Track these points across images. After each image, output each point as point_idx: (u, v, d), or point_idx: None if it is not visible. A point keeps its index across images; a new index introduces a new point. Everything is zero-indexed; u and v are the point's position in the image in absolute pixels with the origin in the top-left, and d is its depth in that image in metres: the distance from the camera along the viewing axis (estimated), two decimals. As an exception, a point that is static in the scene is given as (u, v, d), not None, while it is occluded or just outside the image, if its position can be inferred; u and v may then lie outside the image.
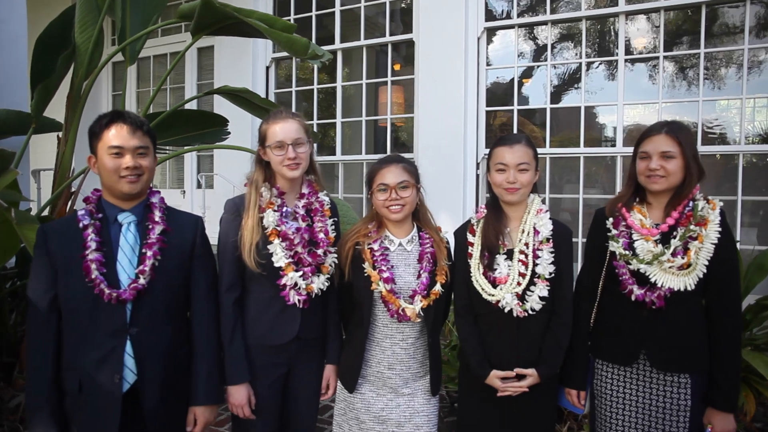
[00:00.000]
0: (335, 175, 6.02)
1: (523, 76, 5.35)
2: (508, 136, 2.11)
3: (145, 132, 1.90)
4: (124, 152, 1.83)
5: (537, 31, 5.24)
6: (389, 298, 1.99)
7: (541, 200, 2.11)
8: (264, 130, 2.06)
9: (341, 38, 5.90)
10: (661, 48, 4.58)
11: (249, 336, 2.04)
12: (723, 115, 4.65)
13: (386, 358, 2.06)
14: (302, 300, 2.02)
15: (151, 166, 1.92)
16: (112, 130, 1.84)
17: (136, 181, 1.86)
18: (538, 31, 5.22)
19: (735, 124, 4.56)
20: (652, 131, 1.96)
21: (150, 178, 1.93)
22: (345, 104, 6.08)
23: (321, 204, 2.15)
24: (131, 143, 1.84)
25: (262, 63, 6.34)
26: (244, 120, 5.31)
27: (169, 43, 7.01)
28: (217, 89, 3.51)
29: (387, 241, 2.10)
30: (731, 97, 4.55)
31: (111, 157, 1.83)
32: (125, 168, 1.83)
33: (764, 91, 4.39)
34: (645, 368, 1.98)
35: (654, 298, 1.91)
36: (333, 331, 2.20)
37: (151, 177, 1.93)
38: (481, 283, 2.02)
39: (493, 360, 2.04)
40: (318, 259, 2.06)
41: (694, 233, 1.88)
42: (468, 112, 5.15)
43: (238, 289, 2.04)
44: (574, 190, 4.90)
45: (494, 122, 5.44)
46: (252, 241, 1.97)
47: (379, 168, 2.07)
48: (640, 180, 1.99)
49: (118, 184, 1.84)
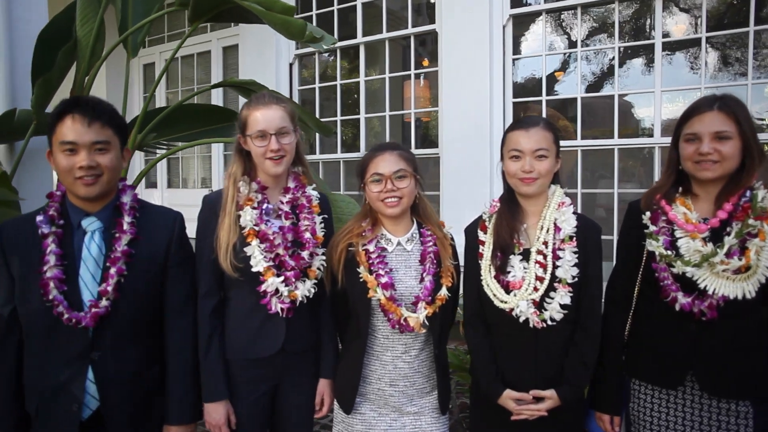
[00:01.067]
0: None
1: (553, 65, 5.02)
2: (524, 118, 1.83)
3: (107, 123, 1.62)
4: (78, 149, 1.58)
5: (566, 16, 4.90)
6: (389, 306, 1.74)
7: (563, 192, 1.81)
8: (244, 117, 1.83)
9: (363, 32, 5.68)
10: (704, 28, 4.18)
11: (229, 349, 1.82)
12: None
13: (387, 373, 1.81)
14: (285, 309, 1.79)
15: (112, 164, 1.64)
16: (66, 122, 1.58)
17: (94, 182, 1.60)
18: (568, 16, 4.89)
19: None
20: (701, 107, 1.63)
21: (113, 177, 1.67)
22: (369, 100, 5.89)
23: (308, 199, 1.91)
24: (86, 138, 1.58)
25: (285, 60, 6.22)
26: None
27: (196, 43, 6.97)
28: (222, 82, 3.33)
29: (384, 240, 1.84)
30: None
31: (64, 154, 1.58)
32: (79, 168, 1.57)
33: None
34: (694, 393, 1.65)
35: (704, 308, 1.58)
36: (327, 342, 1.96)
37: (114, 176, 1.67)
38: (492, 288, 1.75)
39: (507, 377, 1.76)
40: (302, 262, 1.83)
41: (753, 229, 1.55)
42: (494, 104, 4.89)
43: (217, 296, 1.82)
44: (608, 185, 4.56)
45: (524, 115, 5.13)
46: (228, 242, 1.75)
47: (372, 156, 1.82)
48: (685, 167, 1.67)
49: (74, 186, 1.61)
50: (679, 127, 1.69)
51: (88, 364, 1.61)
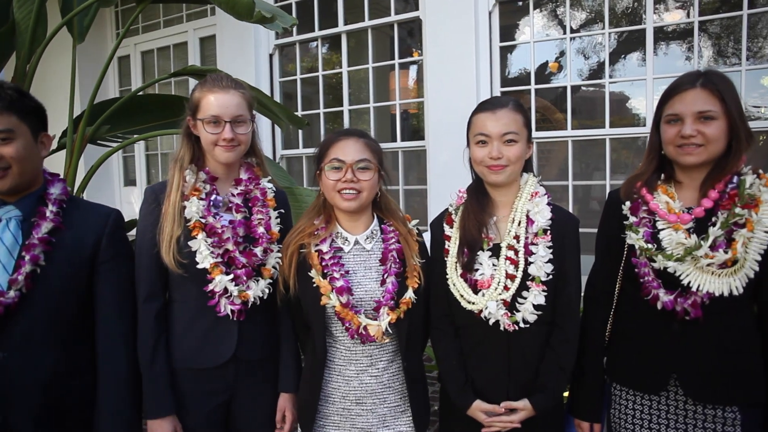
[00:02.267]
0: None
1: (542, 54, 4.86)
2: (491, 99, 1.67)
3: (6, 110, 1.46)
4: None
5: (555, 3, 4.74)
6: (345, 313, 1.57)
7: (537, 181, 1.66)
8: (197, 98, 1.67)
9: (345, 21, 5.52)
10: (696, 12, 4.03)
11: (175, 357, 1.66)
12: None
13: (352, 390, 1.64)
14: (236, 311, 1.63)
15: (20, 155, 1.48)
16: None
17: (2, 176, 1.47)
18: (557, 3, 4.73)
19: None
20: (683, 85, 1.49)
21: (26, 168, 1.51)
22: (354, 91, 5.74)
23: (262, 192, 1.76)
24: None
25: (264, 51, 6.04)
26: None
27: (172, 34, 6.80)
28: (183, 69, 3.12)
29: (339, 239, 1.68)
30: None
31: None
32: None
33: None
34: (678, 398, 1.52)
35: (688, 306, 1.44)
36: (287, 350, 1.79)
37: (27, 166, 1.51)
38: (458, 288, 1.60)
39: (478, 384, 1.61)
40: (255, 259, 1.67)
41: (740, 218, 1.41)
42: (481, 93, 4.74)
43: (161, 297, 1.67)
44: (601, 177, 4.42)
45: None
46: (172, 234, 1.59)
47: (335, 140, 1.65)
48: (667, 151, 1.53)
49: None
50: (660, 107, 1.54)
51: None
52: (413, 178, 5.42)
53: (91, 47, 6.48)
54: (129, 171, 7.40)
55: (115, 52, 2.89)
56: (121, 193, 7.31)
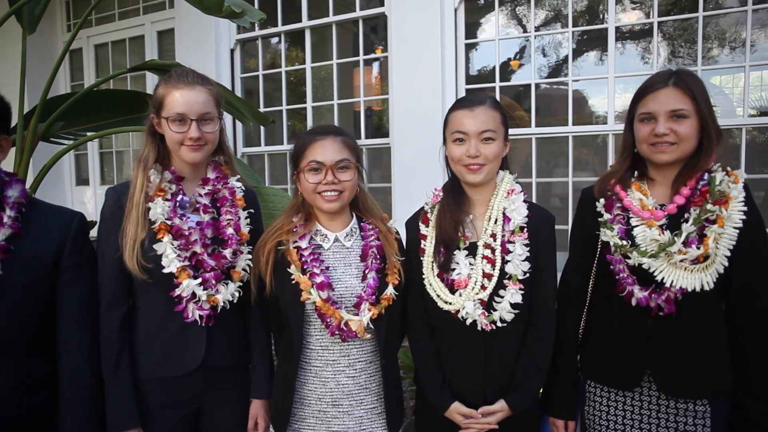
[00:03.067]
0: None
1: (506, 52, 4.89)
2: (469, 96, 1.64)
3: None
4: None
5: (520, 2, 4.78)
6: (326, 309, 1.52)
7: (513, 178, 1.65)
8: (161, 95, 1.59)
9: (309, 16, 5.43)
10: (655, 14, 4.13)
11: (140, 367, 1.58)
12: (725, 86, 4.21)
13: (329, 392, 1.59)
14: (205, 316, 1.57)
15: None
16: None
17: None
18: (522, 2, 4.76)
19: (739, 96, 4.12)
20: (655, 84, 1.50)
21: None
22: (317, 88, 5.65)
23: (231, 191, 1.69)
24: None
25: (226, 46, 5.89)
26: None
27: (127, 27, 6.55)
28: (143, 64, 2.99)
29: (319, 236, 1.64)
30: (733, 65, 4.10)
31: None
32: None
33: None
34: (651, 393, 1.53)
35: (662, 301, 1.46)
36: (259, 356, 1.73)
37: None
38: (435, 288, 1.58)
39: (455, 385, 1.59)
40: (224, 261, 1.61)
41: (711, 215, 1.43)
42: (446, 90, 4.73)
43: (124, 304, 1.59)
44: (563, 174, 4.48)
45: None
46: (136, 237, 1.51)
47: (311, 140, 1.59)
48: (640, 150, 1.54)
49: None
50: (633, 106, 1.55)
51: None
52: (377, 176, 5.37)
53: (39, 39, 6.19)
54: (81, 170, 7.10)
55: (70, 44, 2.74)
56: (73, 193, 7.01)
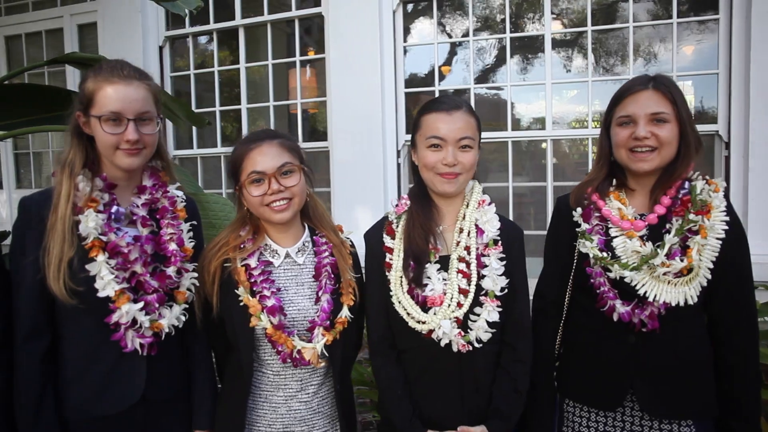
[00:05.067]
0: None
1: (445, 55, 4.85)
2: (444, 98, 1.50)
3: None
4: None
5: (459, 5, 4.76)
6: (277, 336, 1.38)
7: (482, 188, 1.54)
8: (91, 90, 1.36)
9: (243, 14, 5.18)
10: (589, 22, 4.23)
11: (67, 406, 1.36)
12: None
13: (279, 418, 1.46)
14: (146, 345, 1.36)
15: None
16: None
17: None
18: (460, 5, 4.74)
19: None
20: (635, 86, 1.43)
21: None
22: (252, 89, 5.42)
23: (171, 201, 1.49)
24: None
25: (154, 42, 5.54)
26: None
27: (44, 19, 6.05)
28: (63, 56, 2.67)
29: (269, 252, 1.48)
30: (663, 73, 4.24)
31: None
32: None
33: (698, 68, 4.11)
34: (634, 414, 1.46)
35: (645, 317, 1.38)
36: (202, 383, 1.54)
37: None
38: (405, 306, 1.43)
39: (427, 413, 1.46)
40: (168, 281, 1.41)
41: (694, 225, 1.37)
42: (385, 94, 4.66)
43: (46, 335, 1.36)
44: (502, 179, 4.48)
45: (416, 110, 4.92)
46: (62, 256, 1.29)
47: (247, 149, 1.44)
48: (619, 156, 1.46)
49: None
50: (611, 110, 1.48)
51: None
52: (315, 179, 5.21)
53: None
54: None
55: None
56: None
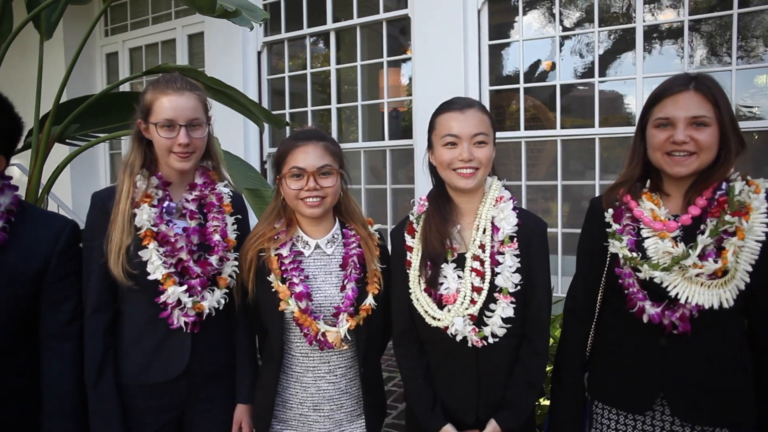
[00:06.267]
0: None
1: (531, 52, 4.75)
2: (456, 99, 1.55)
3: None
4: None
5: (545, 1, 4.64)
6: (304, 320, 1.50)
7: (501, 184, 1.56)
8: (149, 101, 1.57)
9: (334, 18, 5.41)
10: (686, 11, 3.94)
11: (123, 373, 1.56)
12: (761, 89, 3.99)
13: (310, 397, 1.58)
14: (190, 323, 1.54)
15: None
16: None
17: None
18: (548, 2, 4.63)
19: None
20: (675, 87, 1.36)
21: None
22: (342, 89, 5.68)
23: (218, 197, 1.66)
24: None
25: (253, 48, 5.97)
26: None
27: (160, 31, 6.71)
28: (157, 67, 3.00)
29: (300, 243, 1.60)
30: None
31: None
32: None
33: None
34: (664, 418, 1.41)
35: (676, 319, 1.33)
36: (244, 361, 1.71)
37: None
38: (422, 303, 1.49)
39: (446, 403, 1.51)
40: (210, 268, 1.58)
41: (730, 226, 1.29)
42: (469, 92, 4.67)
43: (109, 310, 1.56)
44: (590, 177, 4.33)
45: (509, 108, 4.87)
46: (121, 244, 1.49)
47: (293, 146, 1.56)
48: (654, 158, 1.41)
49: None
50: (648, 110, 1.42)
51: None
52: (402, 176, 5.34)
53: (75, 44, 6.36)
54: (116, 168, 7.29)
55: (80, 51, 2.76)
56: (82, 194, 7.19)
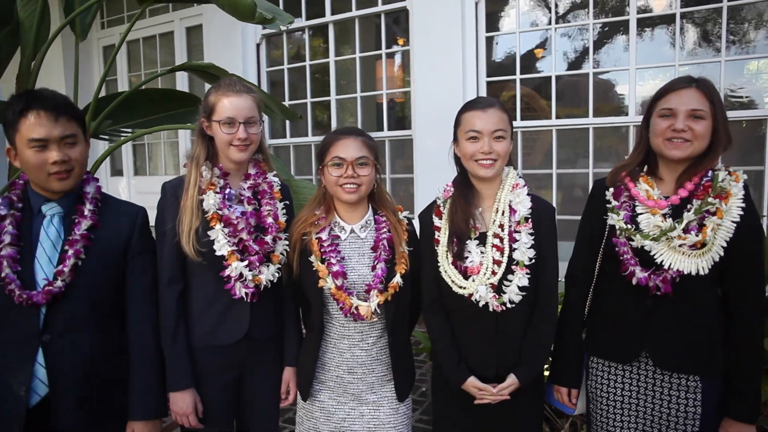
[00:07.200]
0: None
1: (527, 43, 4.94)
2: (479, 98, 1.81)
3: (71, 116, 1.62)
4: (48, 144, 1.58)
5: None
6: (339, 295, 1.73)
7: (517, 174, 1.81)
8: (212, 102, 1.80)
9: (333, 10, 5.54)
10: (678, 4, 4.15)
11: (193, 336, 1.81)
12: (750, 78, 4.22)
13: (345, 361, 1.81)
14: (250, 293, 1.78)
15: (82, 157, 1.66)
16: (30, 118, 1.56)
17: (67, 177, 1.62)
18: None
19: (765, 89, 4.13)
20: (679, 84, 1.64)
21: (82, 169, 1.67)
22: (341, 80, 5.79)
23: (270, 185, 1.90)
24: (55, 132, 1.58)
25: (252, 40, 6.05)
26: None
27: (158, 24, 6.76)
28: (181, 66, 3.21)
29: (337, 228, 1.83)
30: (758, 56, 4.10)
31: (34, 151, 1.57)
32: (52, 163, 1.58)
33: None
34: (647, 368, 1.68)
35: (659, 281, 1.60)
36: (290, 329, 1.95)
37: (83, 168, 1.68)
38: (450, 275, 1.73)
39: (469, 360, 1.76)
40: (266, 246, 1.82)
41: (712, 207, 1.57)
42: (467, 84, 4.81)
43: (181, 282, 1.81)
44: (584, 165, 4.54)
45: (502, 96, 5.06)
46: (191, 225, 1.74)
47: (335, 139, 1.79)
48: (655, 144, 1.67)
49: (47, 183, 1.61)
50: (654, 103, 1.68)
51: (38, 347, 1.59)
52: (400, 166, 5.48)
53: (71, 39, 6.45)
54: (115, 161, 7.40)
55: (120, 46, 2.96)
56: (108, 183, 7.30)
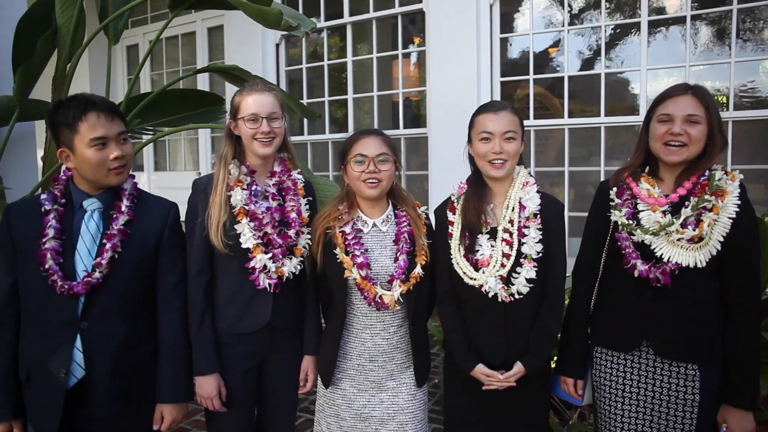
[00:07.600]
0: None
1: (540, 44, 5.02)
2: (491, 102, 1.92)
3: (120, 116, 1.78)
4: (108, 142, 1.72)
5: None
6: (364, 285, 1.84)
7: (527, 172, 1.91)
8: (237, 102, 1.93)
9: (350, 11, 5.66)
10: (688, 7, 4.22)
11: (218, 324, 1.93)
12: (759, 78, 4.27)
13: (367, 350, 1.92)
14: (273, 284, 1.89)
15: (131, 153, 1.82)
16: (90, 119, 1.70)
17: (123, 171, 1.77)
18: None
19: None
20: (676, 91, 1.75)
21: (131, 164, 1.83)
22: (358, 80, 5.91)
23: (294, 182, 2.02)
24: (113, 131, 1.73)
25: (271, 40, 6.19)
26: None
27: (180, 24, 6.89)
28: (206, 67, 3.36)
29: (360, 222, 1.94)
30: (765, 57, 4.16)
31: (95, 149, 1.71)
32: (113, 158, 1.73)
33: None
34: (648, 356, 1.78)
35: (659, 274, 1.70)
36: (310, 319, 2.06)
37: (131, 166, 1.83)
38: (462, 266, 1.84)
39: (479, 349, 1.87)
40: (289, 240, 1.93)
41: (708, 203, 1.67)
42: (481, 84, 4.91)
43: (208, 273, 1.93)
44: (596, 163, 4.63)
45: (516, 95, 5.15)
46: (219, 219, 1.86)
47: (357, 138, 1.91)
48: (654, 147, 1.77)
49: (107, 178, 1.75)
50: (653, 108, 1.78)
51: (76, 333, 1.72)
52: (415, 164, 5.58)
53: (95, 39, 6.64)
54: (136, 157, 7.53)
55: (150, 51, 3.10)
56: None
